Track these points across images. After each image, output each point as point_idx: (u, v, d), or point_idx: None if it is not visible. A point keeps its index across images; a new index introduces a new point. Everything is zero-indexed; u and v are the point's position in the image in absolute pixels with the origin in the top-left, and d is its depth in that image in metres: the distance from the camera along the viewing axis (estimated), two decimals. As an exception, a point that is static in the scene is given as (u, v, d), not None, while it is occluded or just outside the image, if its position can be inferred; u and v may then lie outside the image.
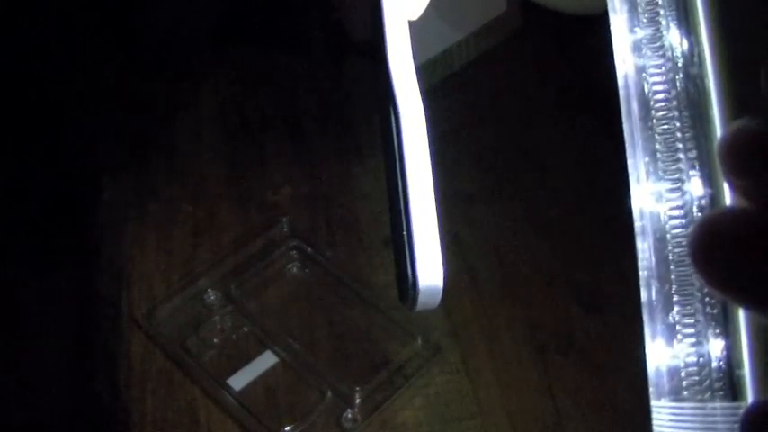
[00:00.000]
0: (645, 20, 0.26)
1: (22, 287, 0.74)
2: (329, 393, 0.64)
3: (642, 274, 0.28)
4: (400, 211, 0.28)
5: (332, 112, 0.93)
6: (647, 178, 0.26)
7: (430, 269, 0.27)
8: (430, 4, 0.35)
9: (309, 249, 0.75)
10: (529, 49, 0.97)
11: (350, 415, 0.63)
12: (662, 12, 0.26)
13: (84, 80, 0.94)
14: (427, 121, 0.29)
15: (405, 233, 0.28)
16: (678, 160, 0.26)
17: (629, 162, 0.27)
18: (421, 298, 0.28)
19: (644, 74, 0.26)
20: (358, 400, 0.63)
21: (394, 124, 0.29)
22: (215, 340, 0.69)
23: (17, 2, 0.93)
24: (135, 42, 0.98)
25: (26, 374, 0.68)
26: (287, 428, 0.62)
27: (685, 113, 0.25)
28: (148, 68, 0.97)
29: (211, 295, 0.71)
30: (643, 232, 0.27)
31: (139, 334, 0.69)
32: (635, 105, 0.26)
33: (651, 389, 0.29)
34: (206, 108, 0.93)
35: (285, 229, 0.77)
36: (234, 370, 0.66)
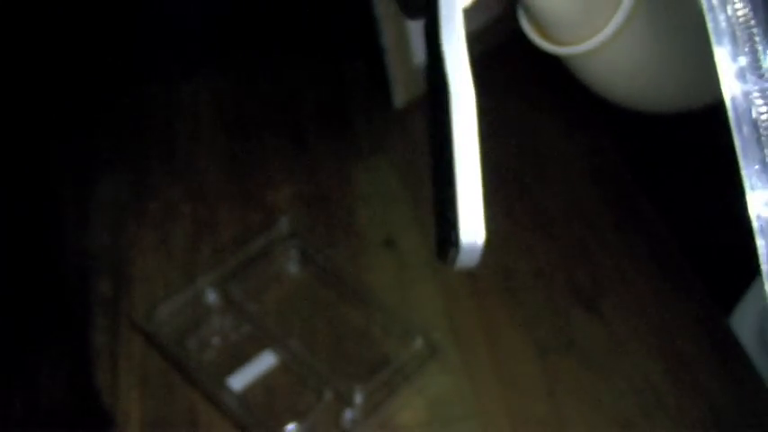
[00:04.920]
0: (746, 49, 0.30)
1: (22, 288, 0.74)
2: (329, 393, 0.64)
3: (763, 268, 0.32)
4: (446, 176, 0.31)
5: (332, 112, 0.93)
6: (760, 186, 0.30)
7: (473, 229, 0.30)
8: None
9: (309, 249, 0.75)
10: (529, 49, 0.97)
11: (350, 415, 0.63)
12: (758, 39, 0.30)
13: (85, 80, 0.94)
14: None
15: (452, 197, 0.30)
16: None
17: (743, 172, 0.31)
18: (462, 256, 0.30)
19: (750, 97, 0.30)
20: (358, 400, 0.63)
21: (446, 98, 0.32)
22: (214, 340, 0.69)
23: (18, 3, 0.93)
24: (135, 43, 0.98)
25: (27, 374, 0.68)
26: (287, 428, 0.62)
27: None
28: (149, 69, 0.97)
29: (211, 295, 0.71)
30: (761, 232, 0.31)
31: (139, 334, 0.69)
32: (745, 128, 0.30)
33: None
34: (206, 108, 0.93)
35: (285, 229, 0.77)
36: (234, 370, 0.66)
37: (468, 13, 0.38)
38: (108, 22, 0.99)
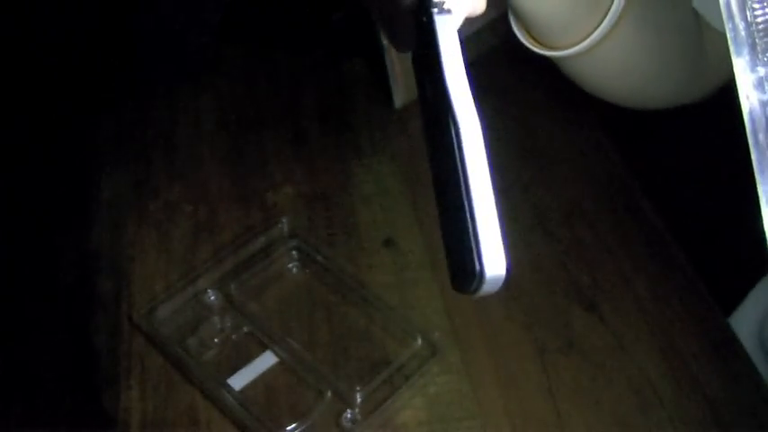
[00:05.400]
0: (765, 59, 0.29)
1: (22, 288, 0.74)
2: (329, 393, 0.64)
3: None
4: (463, 208, 0.31)
5: (332, 112, 0.93)
6: None
7: (495, 261, 0.30)
8: None
9: (309, 249, 0.75)
10: (526, 49, 0.97)
11: (350, 415, 0.63)
12: None
13: (85, 80, 0.94)
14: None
15: (470, 228, 0.31)
16: None
17: (760, 188, 0.30)
18: (485, 286, 0.31)
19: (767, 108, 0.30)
20: (358, 400, 0.63)
21: (453, 132, 0.32)
22: (215, 340, 0.69)
23: (18, 3, 0.93)
24: (136, 43, 0.98)
25: (27, 374, 0.68)
26: (287, 428, 0.62)
27: None
28: (149, 69, 0.97)
29: (211, 295, 0.71)
30: None
31: (139, 334, 0.69)
32: (762, 136, 0.30)
33: None
34: (206, 108, 0.94)
35: (285, 229, 0.77)
36: (234, 370, 0.66)
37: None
38: (108, 22, 0.99)
